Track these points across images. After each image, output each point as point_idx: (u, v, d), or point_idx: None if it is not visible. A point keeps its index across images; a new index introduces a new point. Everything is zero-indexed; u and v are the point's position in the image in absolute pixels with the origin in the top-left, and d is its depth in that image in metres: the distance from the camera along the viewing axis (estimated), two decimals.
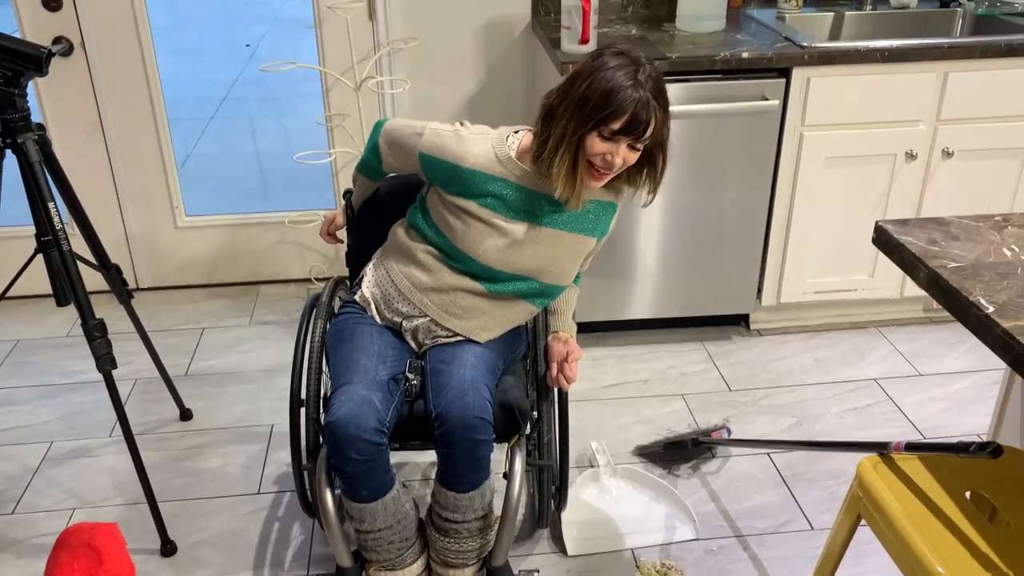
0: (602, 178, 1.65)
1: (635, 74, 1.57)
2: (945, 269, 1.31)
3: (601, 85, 1.56)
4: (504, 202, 1.70)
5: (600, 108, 1.56)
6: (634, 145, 1.61)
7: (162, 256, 3.23)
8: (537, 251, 1.72)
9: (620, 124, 1.57)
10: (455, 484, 1.66)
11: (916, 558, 1.28)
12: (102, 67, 2.91)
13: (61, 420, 2.58)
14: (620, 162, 1.61)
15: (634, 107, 1.56)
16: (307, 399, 1.82)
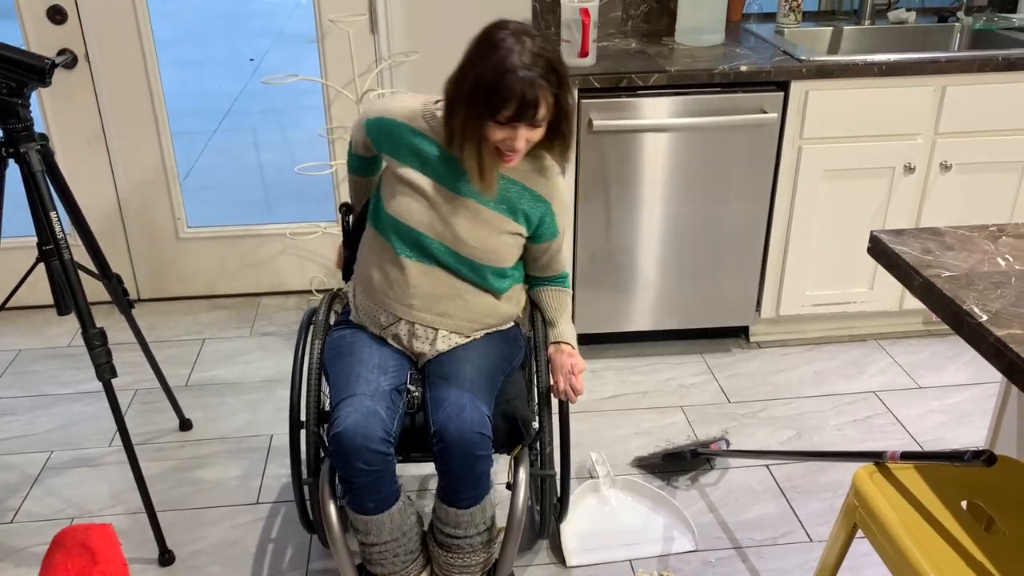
0: (513, 158, 1.65)
1: (520, 54, 1.55)
2: (939, 278, 1.31)
3: (487, 74, 1.55)
4: (429, 164, 1.72)
5: (489, 99, 1.56)
6: (533, 125, 1.61)
7: (164, 267, 3.25)
8: (460, 223, 1.72)
9: (511, 112, 1.56)
10: (456, 500, 1.66)
11: (912, 568, 1.28)
12: (105, 79, 2.93)
13: (61, 430, 2.58)
14: (523, 144, 1.62)
15: (521, 92, 1.54)
16: (307, 415, 1.82)
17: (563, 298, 1.93)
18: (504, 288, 1.82)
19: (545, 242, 1.83)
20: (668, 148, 2.59)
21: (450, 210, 1.72)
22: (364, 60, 2.96)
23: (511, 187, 1.74)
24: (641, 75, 2.50)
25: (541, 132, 1.64)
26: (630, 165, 2.60)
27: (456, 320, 1.77)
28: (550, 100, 1.59)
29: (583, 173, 2.61)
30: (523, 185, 1.75)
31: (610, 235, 2.70)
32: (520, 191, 1.75)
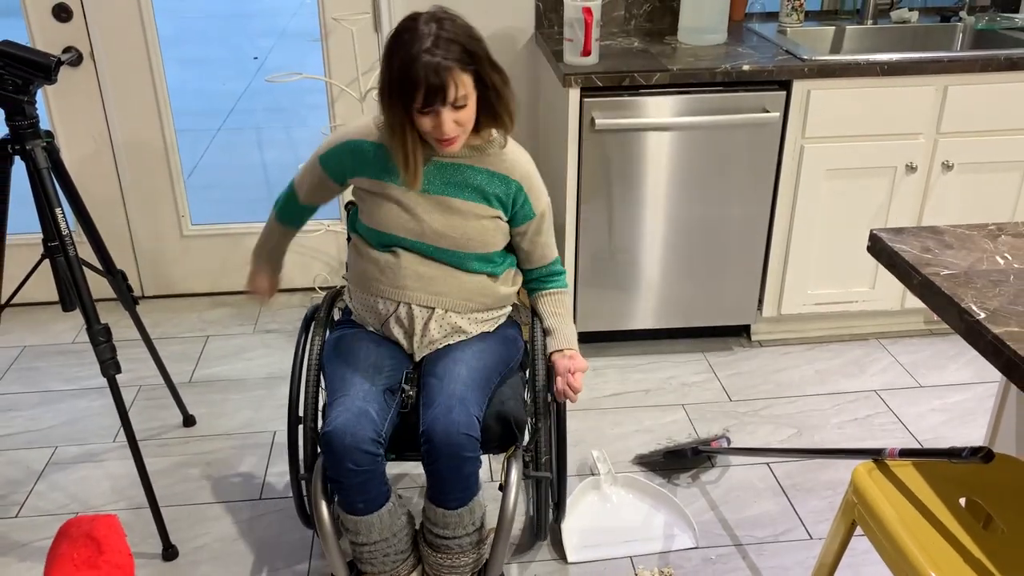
0: (451, 143, 1.66)
1: (423, 40, 1.56)
2: (938, 276, 1.32)
3: (396, 67, 1.58)
4: (393, 171, 1.74)
5: (401, 91, 1.59)
6: (454, 107, 1.61)
7: (167, 264, 3.26)
8: (434, 219, 1.75)
9: (422, 98, 1.57)
10: (444, 501, 1.67)
11: (910, 564, 1.29)
12: (110, 76, 2.95)
13: (66, 425, 2.60)
14: (451, 127, 1.62)
15: (426, 78, 1.55)
16: (304, 411, 1.84)
17: (561, 301, 1.94)
18: (496, 272, 1.85)
19: (523, 224, 1.83)
20: (670, 147, 2.60)
21: (423, 209, 1.76)
22: (368, 58, 2.97)
23: (476, 174, 1.77)
24: (644, 74, 2.51)
25: (469, 112, 1.64)
26: (632, 164, 2.61)
27: (451, 298, 1.79)
28: (463, 79, 1.59)
29: (585, 172, 2.62)
30: (486, 170, 1.77)
31: (612, 234, 2.71)
32: (486, 176, 1.77)
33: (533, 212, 1.82)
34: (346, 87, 2.98)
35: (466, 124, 1.66)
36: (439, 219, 1.76)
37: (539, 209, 1.84)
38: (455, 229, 1.76)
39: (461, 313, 1.80)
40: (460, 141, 1.68)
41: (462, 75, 1.59)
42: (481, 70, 1.62)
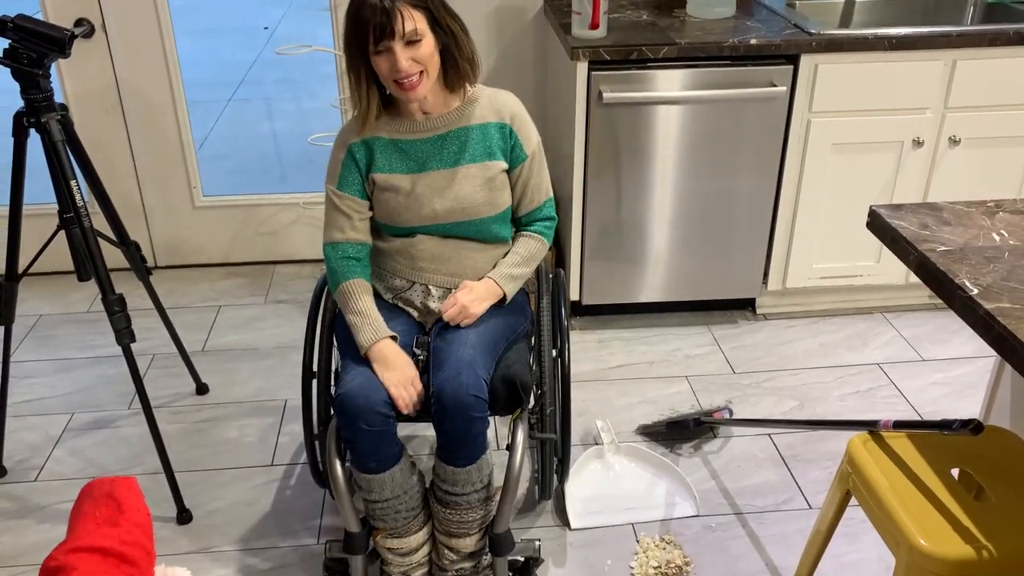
0: (415, 87, 1.68)
1: None
2: (934, 253, 1.35)
3: (349, 14, 1.65)
4: (390, 160, 1.79)
5: (354, 33, 1.65)
6: (408, 42, 1.64)
7: (180, 235, 3.30)
8: (443, 199, 1.79)
9: (374, 36, 1.62)
10: (453, 459, 1.72)
11: (899, 530, 1.33)
12: (122, 48, 2.97)
13: (82, 392, 2.66)
14: (406, 63, 1.64)
15: (374, 12, 1.61)
16: (318, 374, 1.89)
17: (527, 244, 1.91)
18: (506, 235, 1.91)
19: (517, 167, 1.85)
20: (678, 121, 2.61)
21: (428, 191, 1.79)
22: None
23: (470, 133, 1.80)
24: (651, 47, 2.52)
25: (426, 50, 1.66)
26: (640, 137, 2.63)
27: (467, 278, 1.86)
28: (414, 13, 1.63)
29: (592, 146, 2.63)
30: (477, 125, 1.81)
31: (619, 207, 2.73)
32: (479, 131, 1.81)
33: (525, 154, 1.84)
34: None
35: (425, 63, 1.67)
36: (448, 195, 1.79)
37: (530, 149, 1.85)
38: (464, 200, 1.80)
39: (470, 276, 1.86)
40: (423, 87, 1.69)
41: (412, 10, 1.63)
42: (435, 12, 1.67)
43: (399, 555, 1.80)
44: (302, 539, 2.12)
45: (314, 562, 2.06)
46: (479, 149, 1.80)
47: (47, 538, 2.12)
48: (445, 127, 1.80)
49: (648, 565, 2.03)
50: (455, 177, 1.80)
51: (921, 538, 1.30)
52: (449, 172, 1.80)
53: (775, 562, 2.05)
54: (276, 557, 2.08)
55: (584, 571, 2.02)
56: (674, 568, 2.02)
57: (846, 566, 2.04)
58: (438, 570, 1.84)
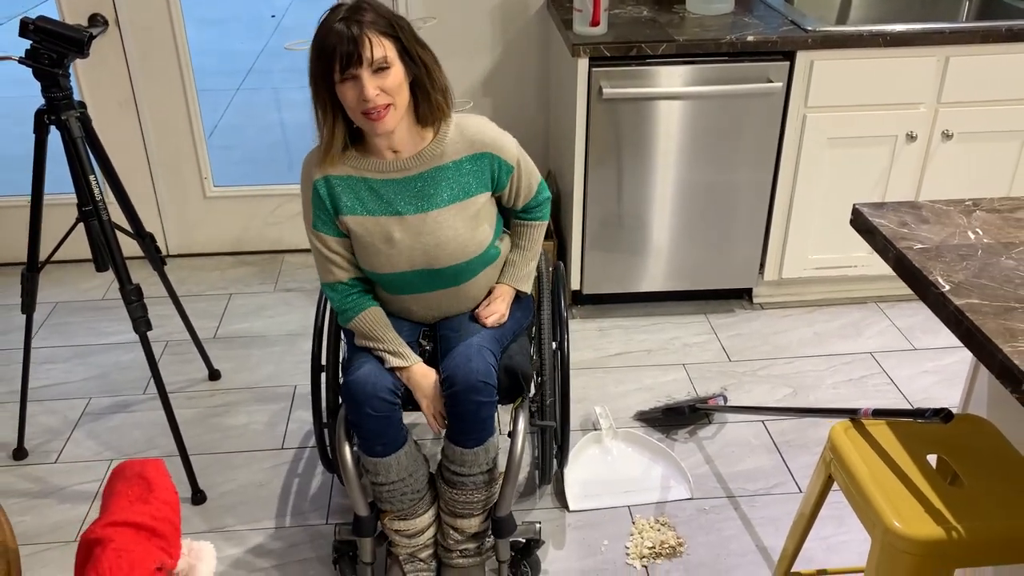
0: (382, 117, 1.63)
1: (337, 13, 1.60)
2: (911, 250, 1.42)
3: (314, 43, 1.62)
4: (360, 199, 1.75)
5: (319, 62, 1.61)
6: (376, 69, 1.60)
7: (191, 225, 3.39)
8: (423, 241, 1.76)
9: (340, 61, 1.58)
10: (462, 441, 1.80)
11: (875, 512, 1.41)
12: (135, 42, 3.05)
13: (98, 378, 2.75)
14: (374, 92, 1.59)
15: (340, 39, 1.57)
16: (327, 363, 1.97)
17: (531, 235, 1.94)
18: (496, 254, 1.91)
19: (507, 180, 1.83)
20: (676, 115, 2.68)
21: (405, 237, 1.76)
22: None
23: (446, 173, 1.76)
24: (651, 44, 2.58)
25: (394, 80, 1.61)
26: (639, 132, 2.69)
27: (467, 305, 1.91)
28: (382, 41, 1.59)
29: (593, 140, 2.70)
30: (453, 162, 1.76)
31: (619, 200, 2.80)
32: (453, 169, 1.76)
33: (510, 166, 1.81)
34: None
35: (393, 94, 1.62)
36: (428, 243, 1.77)
37: (513, 159, 1.81)
38: (447, 245, 1.77)
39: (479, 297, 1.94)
40: (391, 119, 1.64)
41: (381, 37, 1.60)
42: (405, 42, 1.63)
43: (406, 536, 1.89)
44: (311, 520, 2.22)
45: (323, 542, 2.15)
46: (456, 188, 1.76)
47: (67, 518, 2.22)
48: (416, 168, 1.75)
49: (643, 545, 2.11)
50: (432, 222, 1.76)
51: (895, 520, 1.38)
52: (424, 217, 1.75)
53: (765, 543, 2.14)
54: (286, 536, 2.17)
55: (582, 551, 2.11)
56: (668, 548, 2.11)
57: (833, 547, 2.12)
58: (443, 551, 1.93)
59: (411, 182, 1.75)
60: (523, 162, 1.85)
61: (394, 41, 1.62)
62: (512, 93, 3.23)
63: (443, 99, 1.71)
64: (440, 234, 1.77)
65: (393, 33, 1.62)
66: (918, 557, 1.35)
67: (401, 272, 1.80)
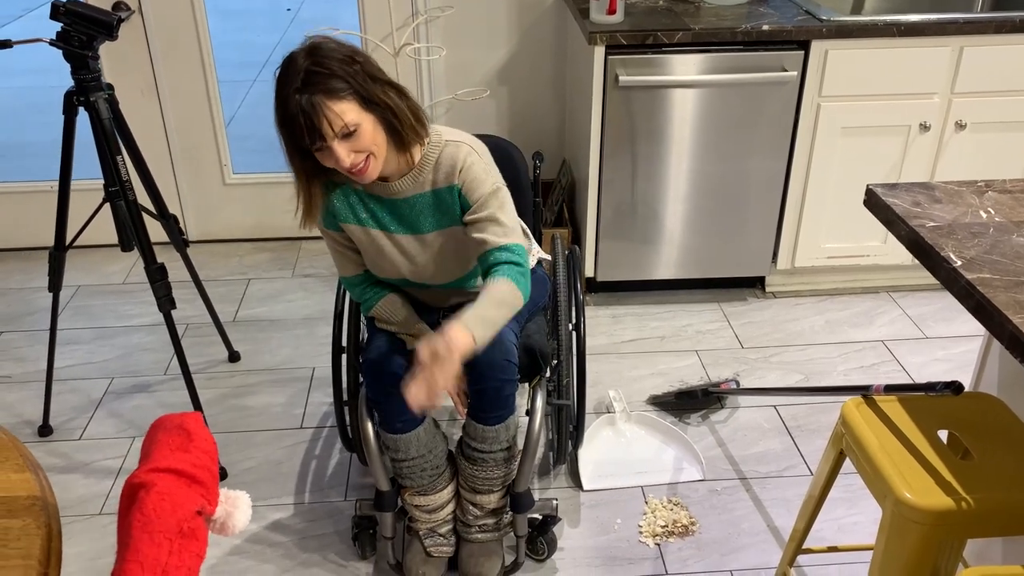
0: (365, 171, 1.60)
1: (293, 79, 1.52)
2: (924, 228, 1.45)
3: (277, 112, 1.56)
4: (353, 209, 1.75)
5: (286, 131, 1.56)
6: (343, 136, 1.54)
7: (211, 211, 3.44)
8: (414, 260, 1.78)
9: (307, 138, 1.54)
10: (484, 418, 1.84)
11: (887, 485, 1.44)
12: (157, 30, 3.09)
13: (120, 359, 2.80)
14: (349, 157, 1.56)
15: (302, 118, 1.51)
16: (347, 343, 2.01)
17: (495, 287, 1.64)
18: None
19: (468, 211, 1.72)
20: (691, 104, 2.71)
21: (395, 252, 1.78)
22: (401, 14, 3.09)
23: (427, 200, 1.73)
24: (667, 32, 2.61)
25: (366, 138, 1.57)
26: (654, 120, 2.72)
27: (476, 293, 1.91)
28: (340, 108, 1.52)
29: (608, 128, 2.74)
30: (431, 191, 1.73)
31: (634, 188, 2.83)
32: (432, 197, 1.73)
33: (470, 203, 1.71)
34: (380, 42, 3.10)
35: (368, 147, 1.58)
36: (417, 263, 1.79)
37: (476, 197, 1.70)
38: (434, 266, 1.79)
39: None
40: (374, 168, 1.61)
41: (338, 104, 1.52)
42: (363, 92, 1.55)
43: (426, 512, 1.93)
44: (330, 497, 2.26)
45: (341, 518, 2.19)
46: (438, 216, 1.75)
47: (92, 492, 2.27)
48: (401, 193, 1.73)
49: (655, 524, 2.15)
50: (419, 243, 1.78)
51: (906, 491, 1.41)
52: (411, 239, 1.77)
53: (776, 523, 2.17)
54: (306, 512, 2.21)
55: (595, 529, 2.15)
56: (680, 527, 2.14)
57: (844, 528, 2.15)
58: (462, 526, 1.97)
59: (397, 206, 1.75)
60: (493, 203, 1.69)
61: (352, 98, 1.54)
62: (528, 82, 3.26)
63: (417, 124, 1.65)
64: (426, 257, 1.79)
65: (349, 87, 1.54)
66: (928, 527, 1.38)
67: (398, 278, 1.85)
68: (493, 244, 1.68)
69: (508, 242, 1.68)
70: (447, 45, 3.14)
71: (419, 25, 3.09)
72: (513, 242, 1.69)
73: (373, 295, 1.88)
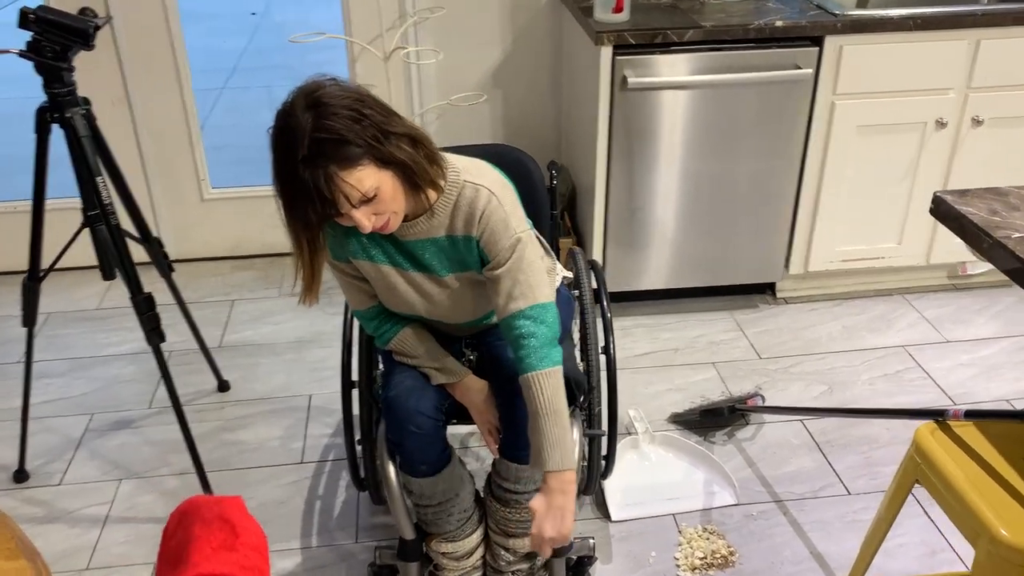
0: (388, 228, 1.45)
1: (298, 141, 1.33)
2: (1010, 239, 1.33)
3: (282, 177, 1.38)
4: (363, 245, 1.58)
5: (294, 207, 1.39)
6: (363, 203, 1.39)
7: (189, 228, 3.24)
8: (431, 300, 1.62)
9: (321, 212, 1.37)
10: (518, 456, 1.68)
11: (979, 521, 1.31)
12: (128, 38, 2.89)
13: (99, 392, 2.60)
14: (368, 221, 1.41)
15: (315, 192, 1.34)
16: (360, 376, 1.85)
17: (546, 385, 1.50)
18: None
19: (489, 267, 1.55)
20: (702, 105, 2.58)
21: (410, 291, 1.61)
22: (388, 16, 2.92)
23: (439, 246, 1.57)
24: (676, 31, 2.48)
25: (386, 199, 1.40)
26: (663, 122, 2.59)
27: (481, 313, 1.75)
28: (358, 176, 1.35)
29: (616, 131, 2.60)
30: (446, 237, 1.56)
31: (642, 193, 2.70)
32: (450, 243, 1.56)
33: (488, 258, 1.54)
34: (368, 45, 2.93)
35: (391, 207, 1.42)
36: (432, 302, 1.63)
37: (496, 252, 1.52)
38: (451, 308, 1.64)
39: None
40: (395, 221, 1.46)
41: (354, 174, 1.35)
42: (378, 150, 1.37)
43: (454, 559, 1.77)
44: (339, 539, 2.09)
45: (353, 562, 2.03)
46: (455, 263, 1.59)
47: (77, 544, 2.08)
48: (413, 235, 1.55)
49: (694, 556, 2.01)
50: (435, 284, 1.61)
51: (1003, 528, 1.28)
52: (424, 277, 1.60)
53: (818, 548, 2.04)
54: (315, 557, 2.04)
55: (629, 565, 2.00)
56: (719, 558, 2.01)
57: (889, 551, 2.03)
58: (493, 572, 1.81)
59: (409, 246, 1.57)
60: (515, 264, 1.52)
61: (368, 160, 1.37)
62: (523, 85, 3.11)
63: (432, 171, 1.47)
64: (443, 297, 1.62)
65: (363, 151, 1.36)
66: None
67: (412, 314, 1.67)
68: (514, 310, 1.51)
69: (529, 304, 1.51)
70: (438, 48, 2.98)
71: (408, 28, 2.92)
72: (537, 302, 1.51)
73: (390, 328, 1.70)
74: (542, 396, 1.49)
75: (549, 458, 1.49)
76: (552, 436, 1.49)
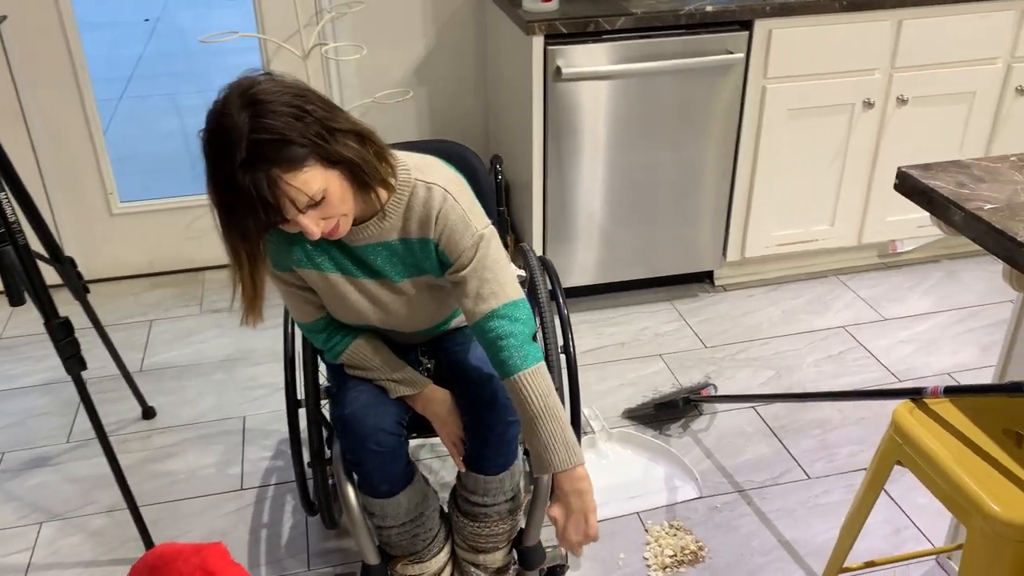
0: (337, 231, 1.35)
1: (235, 144, 1.21)
2: (983, 211, 1.31)
3: (213, 193, 1.27)
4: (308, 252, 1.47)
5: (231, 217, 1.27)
6: (310, 207, 1.29)
7: (97, 246, 3.02)
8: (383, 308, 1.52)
9: (264, 220, 1.26)
10: (484, 467, 1.59)
11: (969, 499, 1.29)
12: (18, 42, 2.67)
13: (9, 428, 2.38)
14: (316, 226, 1.30)
15: (255, 200, 1.23)
16: (306, 394, 1.72)
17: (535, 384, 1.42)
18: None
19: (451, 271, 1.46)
20: (635, 93, 2.53)
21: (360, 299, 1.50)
22: (305, 12, 2.78)
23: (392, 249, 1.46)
24: (607, 19, 2.43)
25: (332, 201, 1.30)
26: (598, 112, 2.54)
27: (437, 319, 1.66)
28: (302, 178, 1.25)
29: (551, 123, 2.53)
30: (400, 239, 1.45)
31: (579, 184, 2.64)
32: (404, 246, 1.46)
33: (450, 260, 1.45)
34: (284, 43, 2.78)
35: (340, 209, 1.32)
36: (385, 311, 1.52)
37: (457, 252, 1.43)
38: (403, 315, 1.53)
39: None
40: (345, 224, 1.36)
41: (299, 176, 1.24)
42: (324, 149, 1.27)
43: None
44: (290, 568, 1.95)
45: None
46: (410, 267, 1.48)
47: None
48: (364, 240, 1.44)
49: (663, 554, 1.95)
50: (389, 291, 1.50)
51: (994, 504, 1.26)
52: (379, 284, 1.50)
53: (785, 536, 2.02)
54: None
55: (600, 569, 1.93)
56: (689, 554, 1.96)
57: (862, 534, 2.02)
58: None
59: (358, 251, 1.47)
60: (482, 266, 1.43)
61: (313, 161, 1.26)
62: (449, 80, 3.01)
63: (381, 168, 1.37)
64: (398, 304, 1.52)
65: (308, 151, 1.25)
66: None
67: (364, 324, 1.56)
68: (486, 311, 1.41)
69: (501, 303, 1.42)
70: (358, 44, 2.86)
71: (326, 24, 2.79)
72: (509, 300, 1.43)
73: (340, 340, 1.57)
74: (534, 396, 1.41)
75: (555, 458, 1.42)
76: (553, 435, 1.42)
